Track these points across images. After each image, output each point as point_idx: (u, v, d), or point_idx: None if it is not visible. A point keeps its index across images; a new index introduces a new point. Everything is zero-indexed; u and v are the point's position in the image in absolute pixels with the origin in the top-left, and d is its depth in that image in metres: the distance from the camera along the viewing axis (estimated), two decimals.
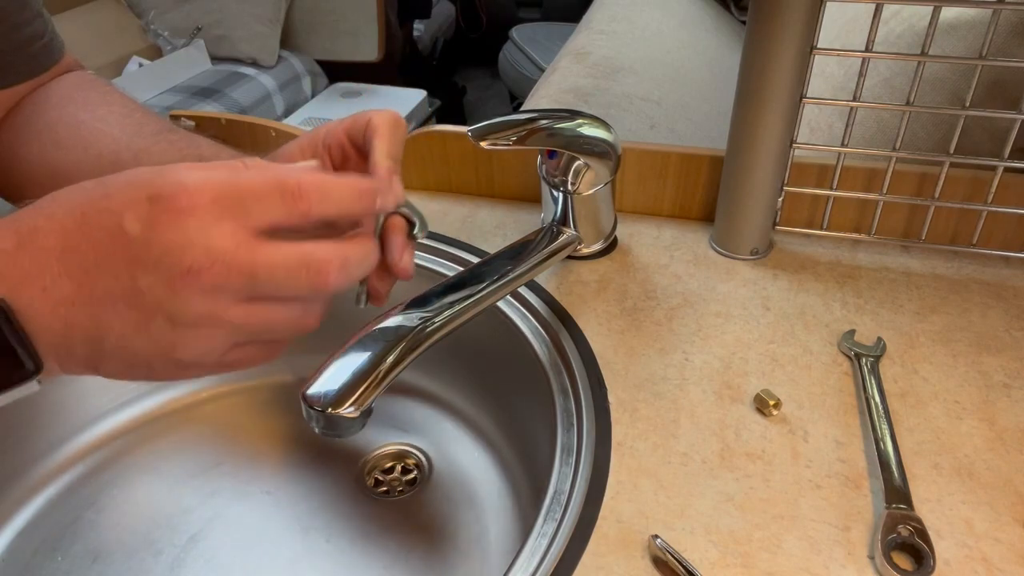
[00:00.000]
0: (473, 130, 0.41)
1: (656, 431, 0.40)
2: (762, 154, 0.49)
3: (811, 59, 0.46)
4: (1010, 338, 0.45)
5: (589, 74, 1.02)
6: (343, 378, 0.33)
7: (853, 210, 0.53)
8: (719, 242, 0.54)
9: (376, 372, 0.34)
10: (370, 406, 0.33)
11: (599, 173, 0.49)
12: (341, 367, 0.34)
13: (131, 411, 0.57)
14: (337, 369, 0.34)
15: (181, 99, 1.66)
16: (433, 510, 0.51)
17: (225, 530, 0.49)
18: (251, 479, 0.53)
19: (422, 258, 0.54)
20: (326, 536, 0.49)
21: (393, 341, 0.35)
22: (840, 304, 0.48)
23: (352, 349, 0.35)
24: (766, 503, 0.36)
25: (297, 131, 0.88)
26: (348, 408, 0.33)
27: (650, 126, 0.91)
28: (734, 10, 1.42)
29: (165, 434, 0.56)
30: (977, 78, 0.46)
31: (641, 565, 0.33)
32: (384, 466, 0.54)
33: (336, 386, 0.33)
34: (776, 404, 0.40)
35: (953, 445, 0.39)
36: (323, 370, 0.34)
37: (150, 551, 0.48)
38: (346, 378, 0.33)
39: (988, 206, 0.50)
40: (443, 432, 0.56)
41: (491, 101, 2.75)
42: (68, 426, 0.54)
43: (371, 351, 0.35)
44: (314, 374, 0.34)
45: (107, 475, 0.53)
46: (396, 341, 0.35)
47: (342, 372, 0.34)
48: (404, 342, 0.35)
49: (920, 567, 0.32)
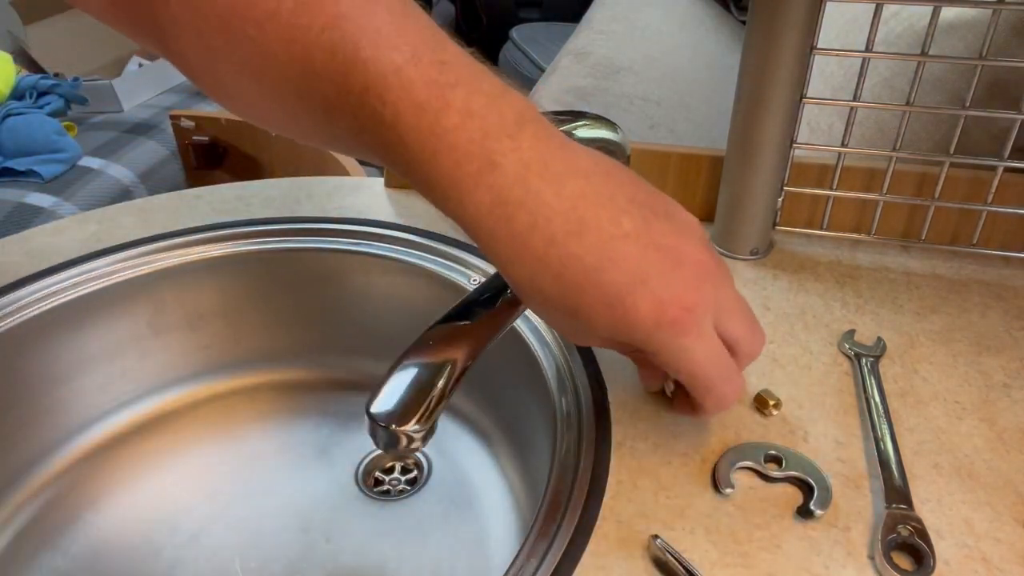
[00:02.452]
0: None
1: (656, 431, 0.40)
2: (762, 154, 0.49)
3: (811, 59, 0.46)
4: (1010, 338, 0.45)
5: (589, 74, 1.02)
6: (406, 393, 0.32)
7: (853, 210, 0.53)
8: (719, 242, 0.54)
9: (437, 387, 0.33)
10: (435, 423, 0.32)
11: None
12: (400, 381, 0.33)
13: (131, 411, 0.56)
14: (398, 383, 0.32)
15: (181, 99, 1.66)
16: (433, 510, 0.51)
17: (225, 530, 0.49)
18: (251, 479, 0.53)
19: (423, 258, 0.54)
20: (326, 536, 0.49)
21: (450, 354, 0.34)
22: (840, 304, 0.48)
23: (410, 364, 0.33)
24: (766, 503, 0.36)
25: None
26: (413, 426, 0.32)
27: (650, 126, 0.91)
28: (734, 10, 1.42)
29: (165, 434, 0.56)
30: (977, 78, 0.46)
31: (641, 565, 0.33)
32: (384, 466, 0.54)
33: (399, 402, 0.32)
34: (776, 404, 0.40)
35: (953, 445, 0.39)
36: (384, 384, 0.32)
37: (150, 551, 0.48)
38: (410, 394, 0.32)
39: (988, 206, 0.50)
40: (443, 432, 0.56)
41: None
42: (68, 426, 0.54)
43: (430, 365, 0.33)
44: (374, 389, 0.32)
45: (107, 475, 0.53)
46: (452, 355, 0.34)
47: (402, 387, 0.32)
48: (461, 355, 0.34)
49: (920, 567, 0.32)
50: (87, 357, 0.54)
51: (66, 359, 0.53)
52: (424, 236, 0.55)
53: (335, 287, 0.57)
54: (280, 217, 0.58)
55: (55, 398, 0.53)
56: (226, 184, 0.63)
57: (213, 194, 0.62)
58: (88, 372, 0.54)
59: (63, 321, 0.51)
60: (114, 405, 0.56)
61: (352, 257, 0.56)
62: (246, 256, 0.56)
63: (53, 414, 0.53)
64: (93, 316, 0.53)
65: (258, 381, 0.60)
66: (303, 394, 0.59)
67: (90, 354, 0.54)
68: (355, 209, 0.59)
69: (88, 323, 0.53)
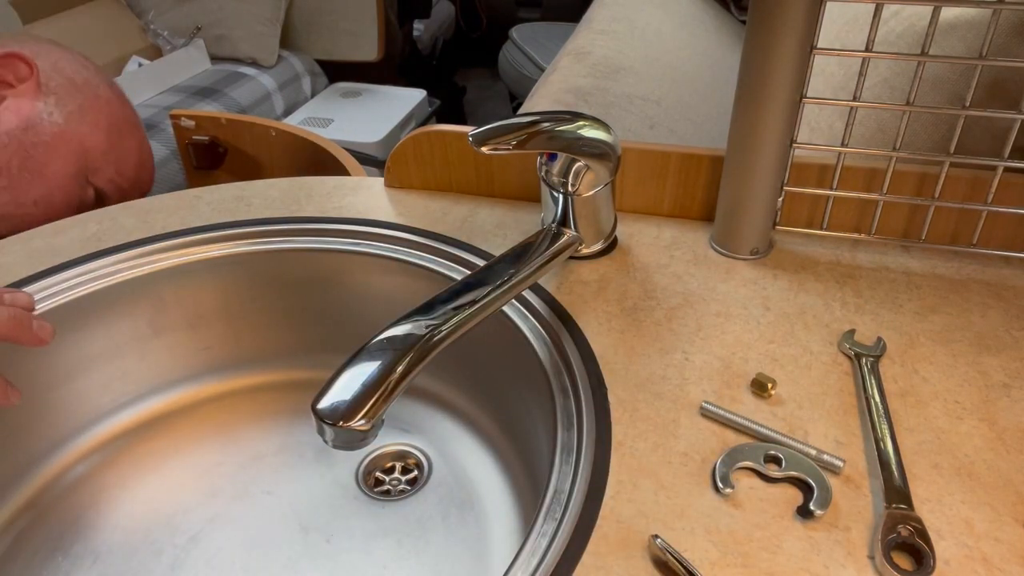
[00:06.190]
0: (474, 135, 0.41)
1: (656, 431, 0.40)
2: (762, 154, 0.49)
3: (811, 59, 0.46)
4: (1010, 338, 0.45)
5: (589, 74, 1.02)
6: (353, 390, 0.33)
7: (853, 210, 0.53)
8: (719, 242, 0.54)
9: (386, 383, 0.34)
10: (381, 418, 0.33)
11: (599, 174, 0.49)
12: (351, 379, 0.34)
13: (131, 411, 0.57)
14: (347, 381, 0.34)
15: (181, 99, 1.66)
16: (433, 510, 0.51)
17: (225, 530, 0.49)
18: (251, 479, 0.53)
19: (423, 258, 0.54)
20: (326, 536, 0.49)
21: (402, 351, 0.35)
22: (840, 304, 0.48)
23: (360, 360, 0.35)
24: (766, 503, 0.36)
25: (297, 131, 0.88)
26: (359, 421, 0.33)
27: (650, 126, 0.91)
28: (734, 10, 1.42)
29: (165, 434, 0.56)
30: (977, 78, 0.46)
31: (641, 565, 0.33)
32: (384, 466, 0.54)
33: (347, 398, 0.33)
34: (774, 385, 0.41)
35: (953, 445, 0.39)
36: (333, 382, 0.34)
37: (150, 551, 0.48)
38: (356, 390, 0.33)
39: (988, 206, 0.50)
40: (443, 432, 0.56)
41: (491, 101, 2.75)
42: (68, 426, 0.54)
43: (380, 361, 0.35)
44: (324, 387, 0.34)
45: (107, 475, 0.53)
46: (405, 350, 0.35)
47: (352, 384, 0.34)
48: (412, 351, 0.35)
49: (920, 567, 0.32)
50: (88, 357, 0.54)
51: (67, 359, 0.53)
52: (424, 236, 0.55)
53: (335, 287, 0.57)
54: (280, 217, 0.58)
55: (56, 398, 0.53)
56: (226, 184, 0.63)
57: (213, 194, 0.62)
58: (89, 372, 0.54)
59: (63, 321, 0.51)
60: (114, 405, 0.56)
61: (352, 257, 0.56)
62: (246, 256, 0.56)
63: (54, 414, 0.53)
64: (93, 316, 0.53)
65: (258, 381, 0.60)
66: (303, 394, 0.59)
67: (91, 354, 0.54)
68: (355, 209, 0.59)
69: (88, 323, 0.53)
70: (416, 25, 2.33)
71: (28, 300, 0.48)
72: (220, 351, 0.59)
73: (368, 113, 1.85)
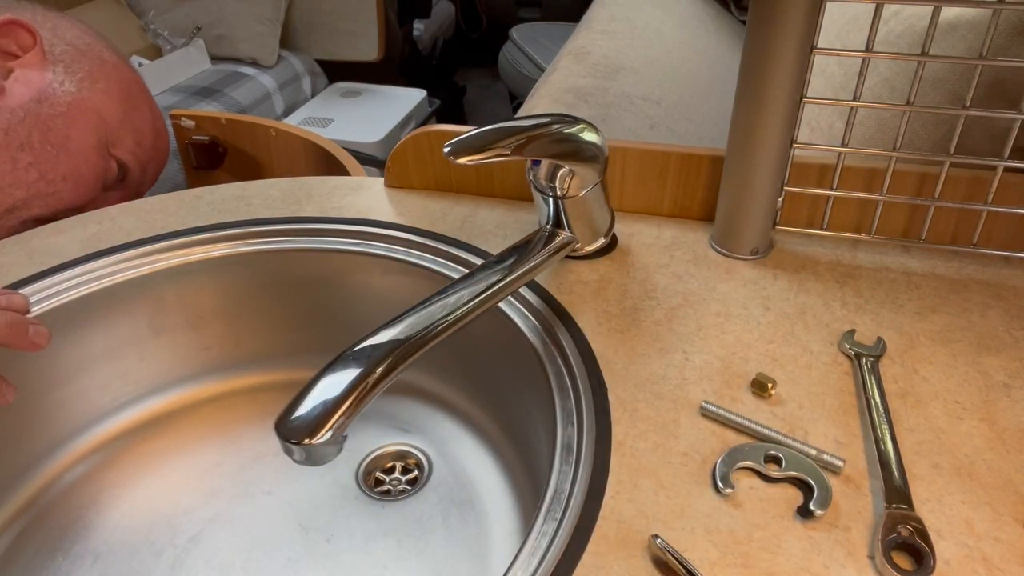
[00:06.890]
0: (449, 147, 0.40)
1: (656, 431, 0.40)
2: (762, 154, 0.49)
3: (811, 59, 0.46)
4: (1010, 338, 0.45)
5: (589, 74, 1.02)
6: (317, 405, 0.33)
7: (853, 210, 0.53)
8: (719, 242, 0.54)
9: (357, 391, 0.33)
10: (346, 432, 0.33)
11: (585, 177, 0.48)
12: (318, 393, 0.33)
13: (131, 411, 0.57)
14: (314, 395, 0.33)
15: (181, 99, 1.66)
16: (433, 510, 0.51)
17: (225, 530, 0.49)
18: (251, 479, 0.53)
19: (423, 258, 0.54)
20: (326, 536, 0.49)
21: (379, 357, 0.35)
22: (840, 304, 0.48)
23: (331, 371, 0.34)
24: (766, 503, 0.36)
25: (297, 131, 0.88)
26: (324, 435, 0.32)
27: (650, 126, 0.90)
28: (734, 10, 1.42)
29: (165, 434, 0.56)
30: (977, 78, 0.46)
31: (641, 565, 0.33)
32: (384, 466, 0.54)
33: (310, 414, 0.33)
34: (774, 385, 0.41)
35: (953, 445, 0.39)
36: (298, 398, 0.33)
37: (150, 551, 0.48)
38: (319, 406, 0.33)
39: (988, 206, 0.50)
40: (443, 432, 0.56)
41: (491, 101, 2.75)
42: (68, 426, 0.54)
43: (354, 369, 0.34)
44: (289, 403, 0.33)
45: (107, 475, 0.53)
46: (381, 357, 0.35)
47: (316, 398, 0.33)
48: (388, 359, 0.35)
49: (920, 567, 0.32)
50: (88, 357, 0.54)
51: (67, 359, 0.53)
52: (424, 236, 0.55)
53: (335, 287, 0.57)
54: (280, 217, 0.58)
55: (56, 398, 0.53)
56: (226, 184, 0.63)
57: (213, 194, 0.62)
58: (89, 372, 0.54)
59: (63, 321, 0.51)
60: (114, 405, 0.56)
61: (352, 257, 0.56)
62: (246, 256, 0.56)
63: (54, 415, 0.53)
64: (93, 316, 0.53)
65: (258, 381, 0.60)
66: None
67: (91, 354, 0.54)
68: (355, 209, 0.59)
69: (88, 323, 0.53)
70: (416, 25, 2.33)
71: (24, 303, 0.48)
72: (220, 351, 0.59)
73: (368, 113, 1.85)
